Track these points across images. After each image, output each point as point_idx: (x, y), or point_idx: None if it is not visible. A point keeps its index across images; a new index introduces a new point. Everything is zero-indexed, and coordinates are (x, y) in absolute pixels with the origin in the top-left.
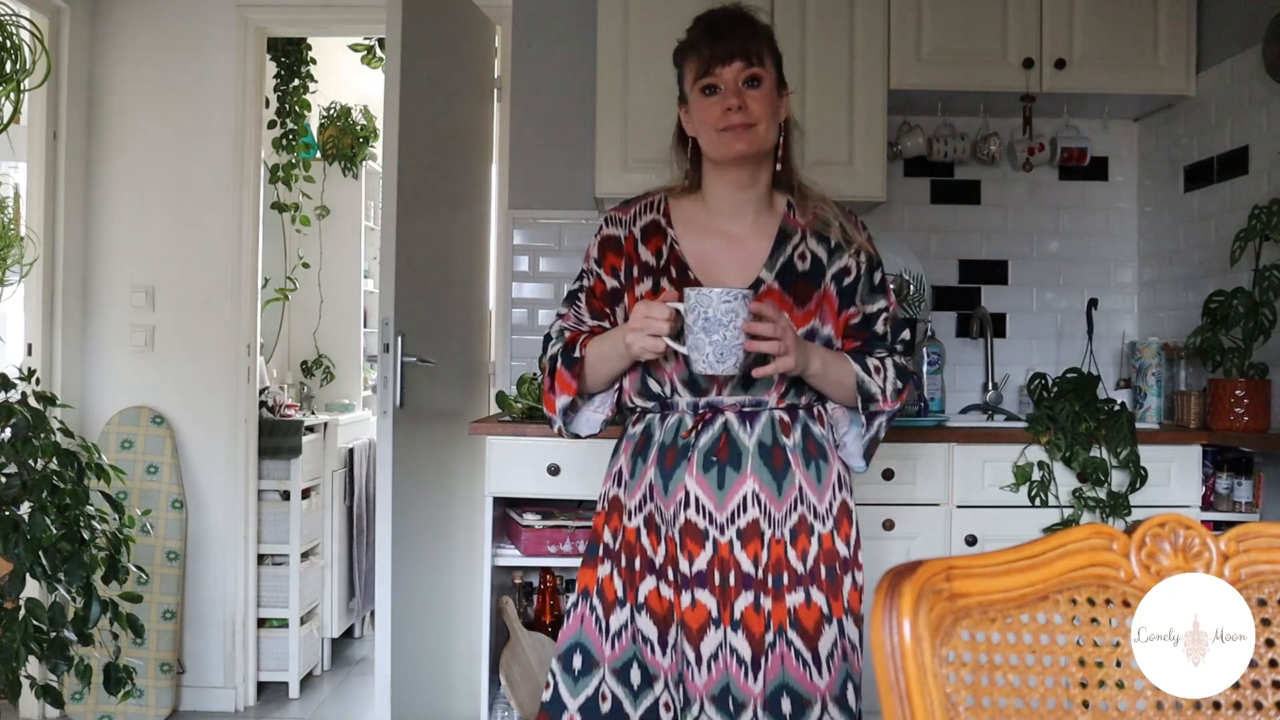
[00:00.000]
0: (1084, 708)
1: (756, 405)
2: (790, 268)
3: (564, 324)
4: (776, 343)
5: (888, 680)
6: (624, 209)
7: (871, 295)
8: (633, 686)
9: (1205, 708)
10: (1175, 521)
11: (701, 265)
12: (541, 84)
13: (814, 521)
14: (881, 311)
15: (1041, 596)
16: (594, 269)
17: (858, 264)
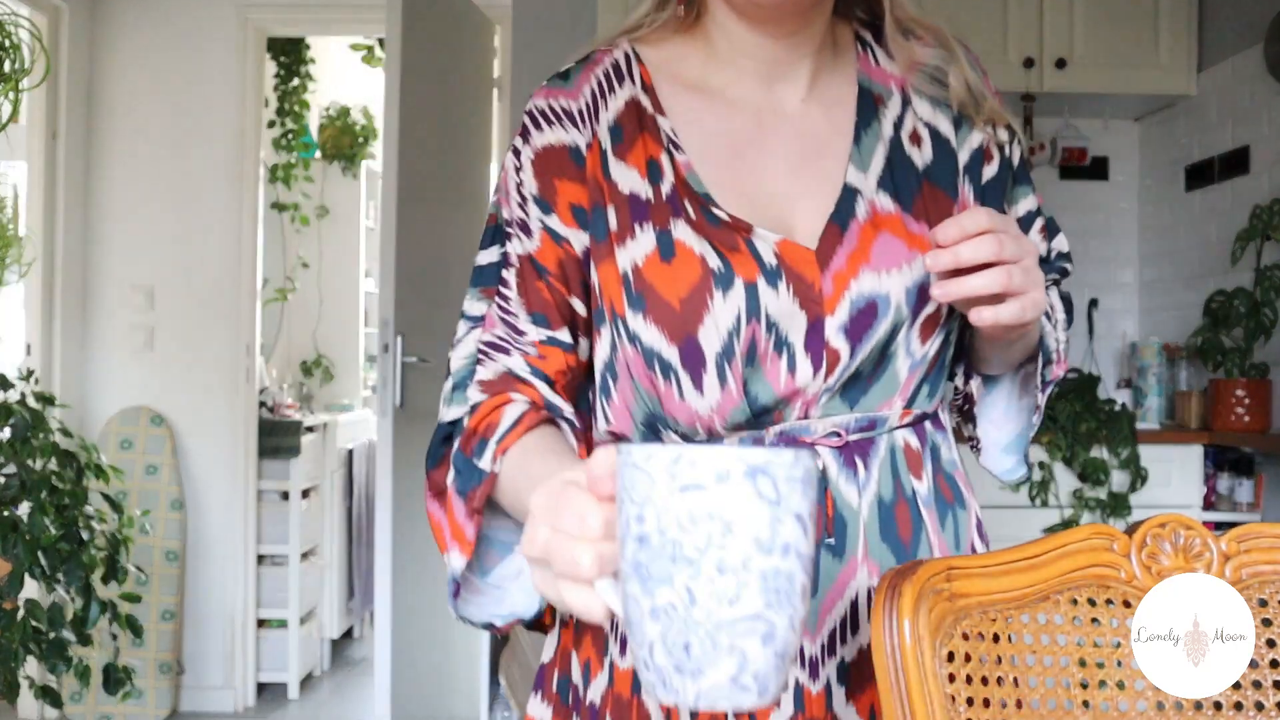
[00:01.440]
0: (1084, 708)
1: (870, 427)
2: (902, 162)
3: (483, 338)
4: (1001, 271)
5: (888, 680)
6: (563, 84)
7: (1019, 189)
8: None
9: (1205, 708)
10: (1176, 522)
11: (731, 183)
12: (541, 84)
13: None
14: (1034, 215)
15: (1042, 597)
16: (531, 210)
17: (997, 143)
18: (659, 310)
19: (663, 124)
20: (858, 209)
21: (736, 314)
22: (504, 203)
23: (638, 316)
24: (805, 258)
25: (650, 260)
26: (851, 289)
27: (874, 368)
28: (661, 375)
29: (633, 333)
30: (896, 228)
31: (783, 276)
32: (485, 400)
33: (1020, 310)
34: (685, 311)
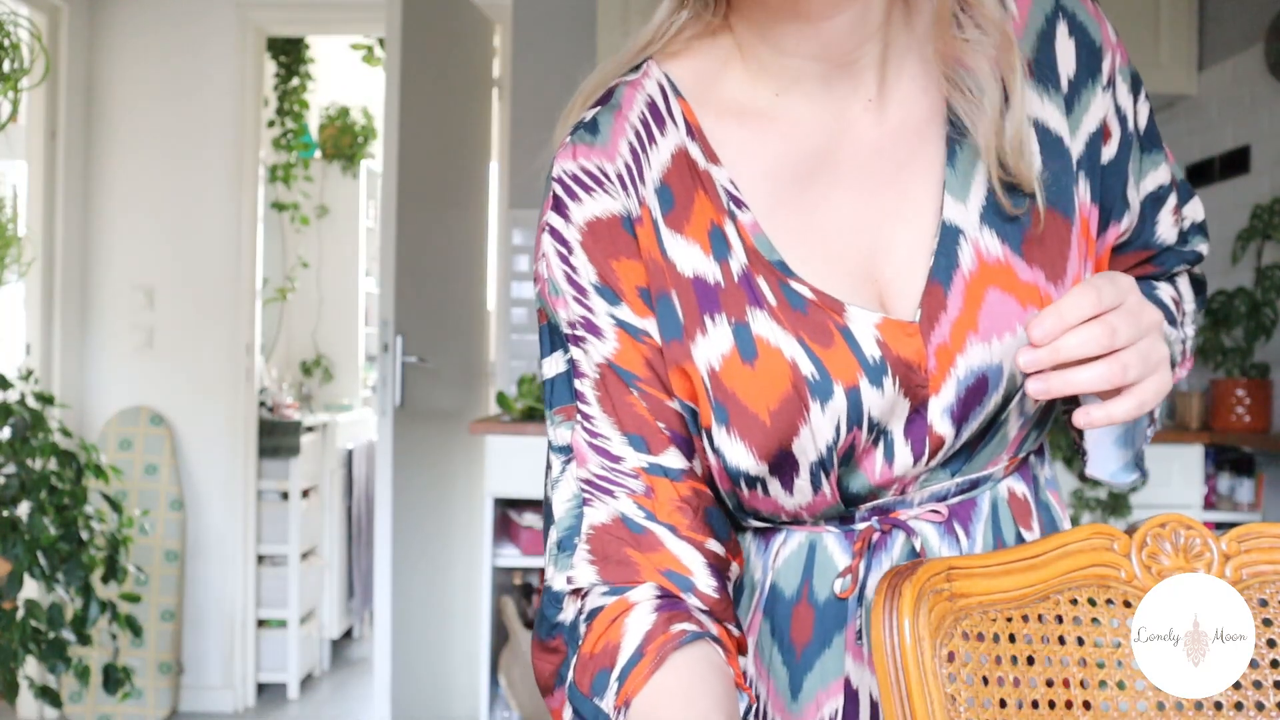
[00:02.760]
0: (1084, 708)
1: (971, 488)
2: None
3: (579, 474)
4: (1113, 363)
5: (888, 680)
6: (592, 139)
7: (1148, 158)
8: None
9: (1205, 708)
10: (1176, 521)
11: (804, 236)
12: (541, 84)
13: None
14: (1166, 191)
15: (1042, 597)
16: (595, 303)
17: (1119, 112)
18: (745, 423)
19: (718, 176)
20: (961, 257)
21: (837, 425)
22: (554, 300)
23: (721, 430)
24: (908, 335)
25: (729, 362)
26: (959, 366)
27: (982, 436)
28: (747, 486)
29: (716, 446)
30: (1008, 280)
31: (888, 371)
32: (601, 611)
33: (1138, 406)
34: (777, 426)
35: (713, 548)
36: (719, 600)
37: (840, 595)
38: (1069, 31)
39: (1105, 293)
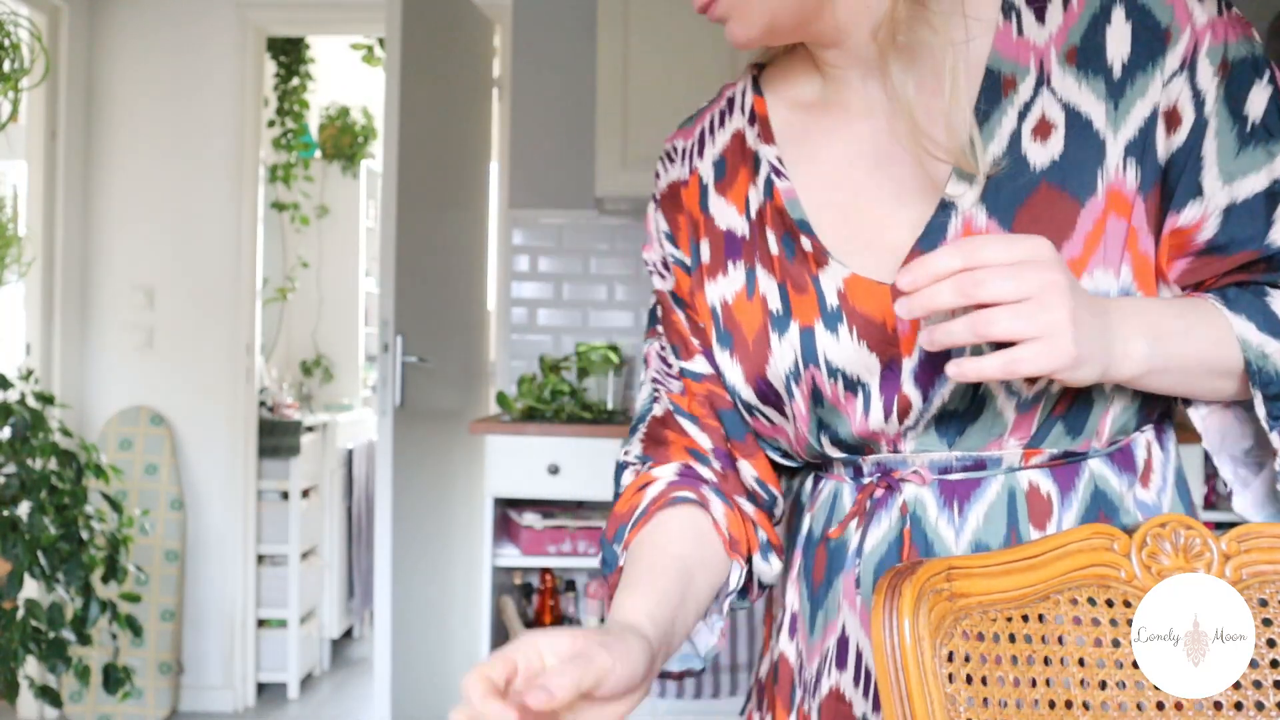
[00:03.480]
0: (1084, 708)
1: (976, 467)
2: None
3: (654, 378)
4: (1014, 312)
5: (888, 680)
6: (688, 124)
7: (1247, 154)
8: None
9: (1205, 708)
10: (1176, 521)
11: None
12: (541, 84)
13: None
14: (1274, 198)
15: (1042, 596)
16: (665, 247)
17: (1196, 94)
18: (741, 349)
19: (766, 154)
20: (949, 230)
21: (795, 358)
22: (647, 246)
23: (724, 353)
24: (876, 294)
25: (738, 298)
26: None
27: (968, 406)
28: (746, 411)
29: (719, 367)
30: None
31: (843, 319)
32: (632, 481)
33: (1004, 365)
34: (756, 351)
35: (726, 438)
36: (725, 479)
37: (829, 534)
38: (1126, 15)
39: (988, 249)
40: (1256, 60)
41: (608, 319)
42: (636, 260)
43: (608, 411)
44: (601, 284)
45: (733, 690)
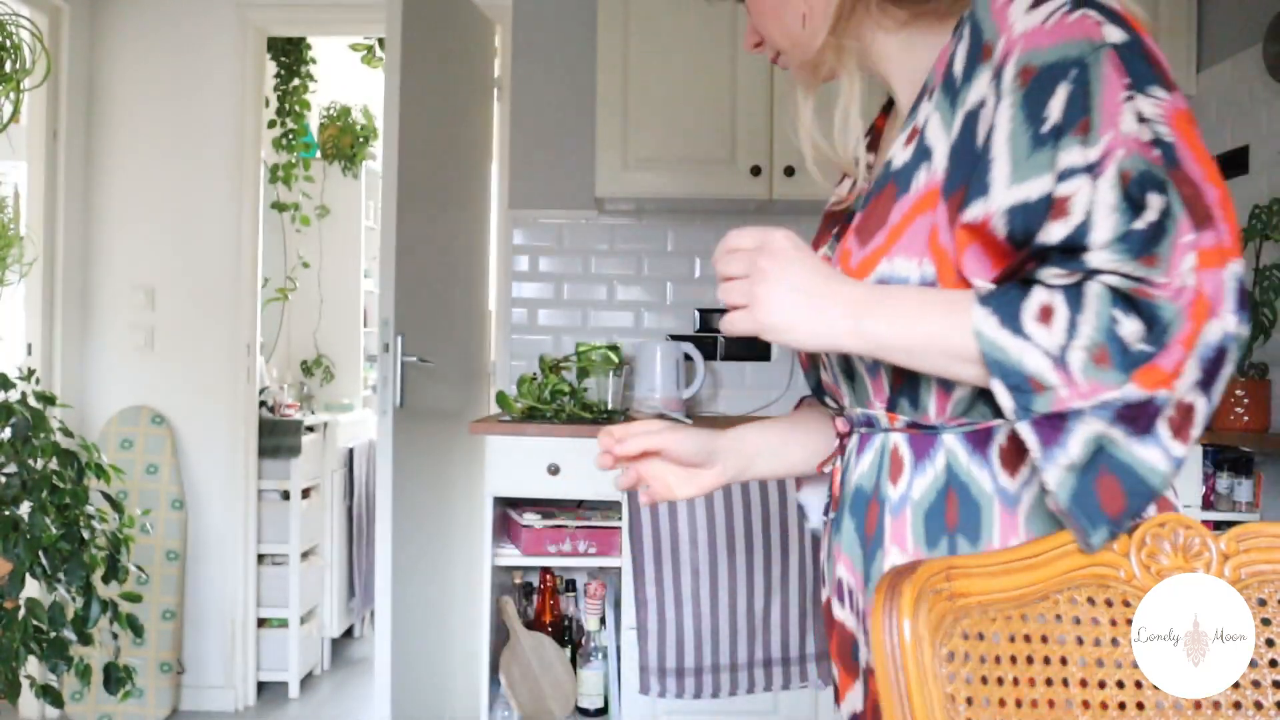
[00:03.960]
0: (1084, 708)
1: (868, 424)
2: (881, 171)
3: None
4: (736, 286)
5: (888, 680)
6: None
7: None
8: None
9: (1205, 708)
10: (1175, 521)
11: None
12: (541, 84)
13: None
14: (1073, 172)
15: (1041, 596)
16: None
17: (997, 91)
18: None
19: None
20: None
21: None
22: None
23: None
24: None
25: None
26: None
27: (846, 369)
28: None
29: None
30: (846, 240)
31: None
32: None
33: (729, 324)
34: None
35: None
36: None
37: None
38: (968, 31)
39: (741, 238)
40: (1072, 62)
41: (608, 319)
42: (637, 260)
43: (608, 411)
44: (601, 284)
45: (733, 690)
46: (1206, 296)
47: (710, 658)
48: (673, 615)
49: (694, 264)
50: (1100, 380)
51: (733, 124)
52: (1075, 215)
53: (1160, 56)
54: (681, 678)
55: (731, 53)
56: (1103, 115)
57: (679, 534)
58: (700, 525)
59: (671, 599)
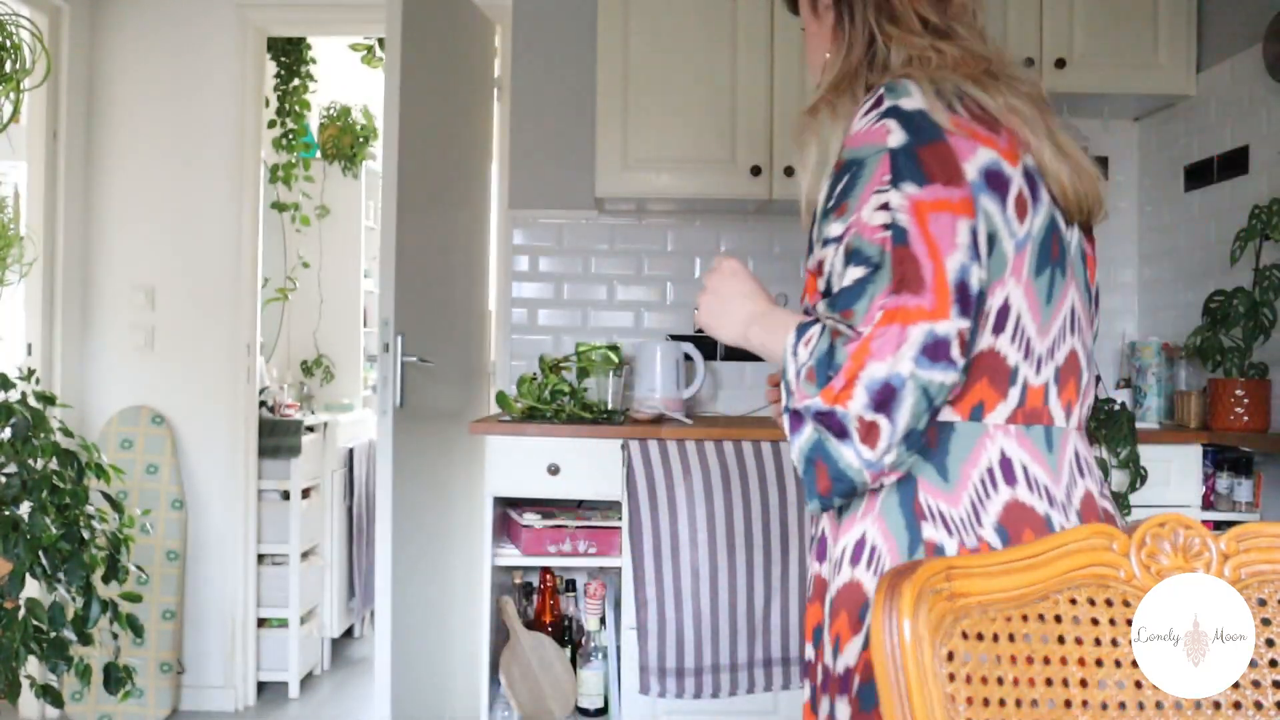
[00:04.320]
0: (1084, 708)
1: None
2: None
3: None
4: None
5: (888, 680)
6: None
7: (825, 218)
8: None
9: (1205, 707)
10: (1175, 521)
11: None
12: (541, 84)
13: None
14: (829, 242)
15: (1041, 596)
16: None
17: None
18: None
19: None
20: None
21: None
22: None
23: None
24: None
25: None
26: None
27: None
28: None
29: None
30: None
31: None
32: None
33: (695, 319)
34: None
35: None
36: None
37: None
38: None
39: (718, 270)
40: (858, 160)
41: (608, 319)
42: (636, 260)
43: (607, 411)
44: (601, 284)
45: (733, 690)
46: (870, 344)
47: (710, 658)
48: (673, 615)
49: (694, 264)
50: (806, 391)
51: (733, 124)
52: (826, 274)
53: (935, 155)
54: (681, 678)
55: (731, 53)
56: (857, 202)
57: (679, 534)
58: (700, 525)
59: (671, 599)
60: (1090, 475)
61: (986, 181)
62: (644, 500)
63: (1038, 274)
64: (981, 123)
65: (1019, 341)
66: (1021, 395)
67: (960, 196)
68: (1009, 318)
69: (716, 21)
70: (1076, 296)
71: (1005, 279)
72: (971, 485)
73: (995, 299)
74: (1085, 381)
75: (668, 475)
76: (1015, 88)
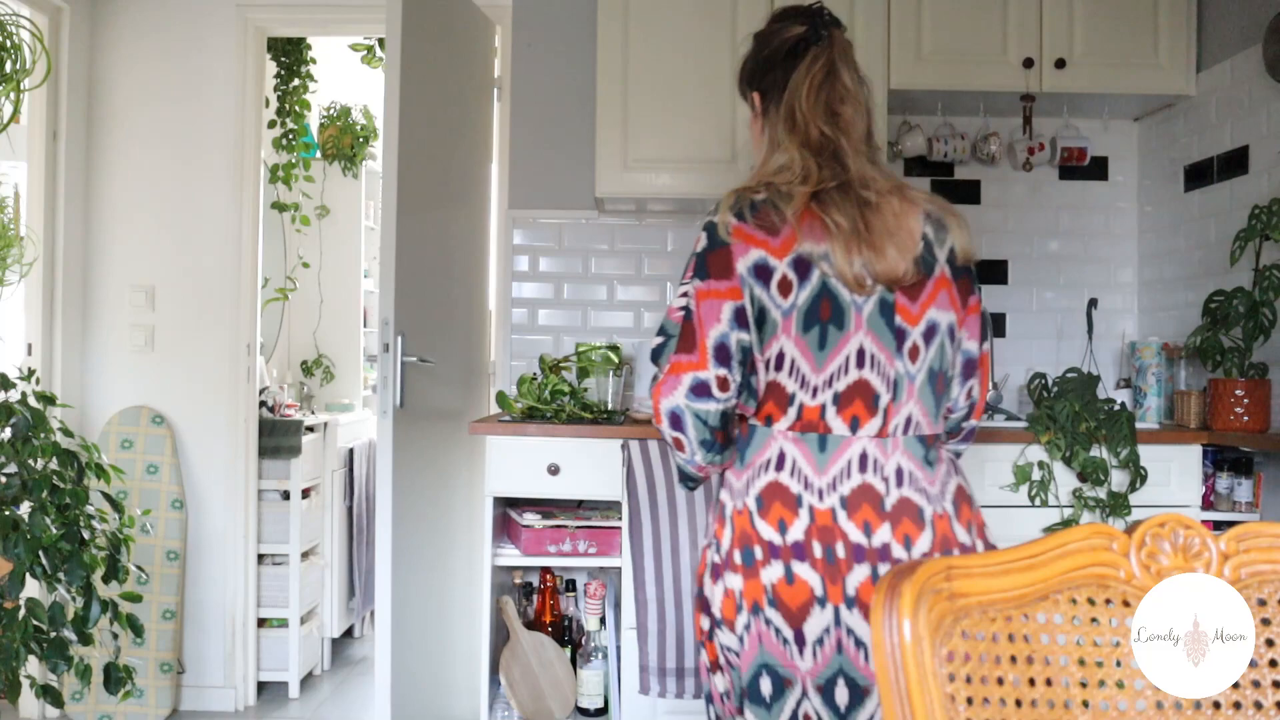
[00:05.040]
0: (1084, 708)
1: None
2: None
3: None
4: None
5: (888, 680)
6: None
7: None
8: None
9: (1205, 707)
10: (1175, 521)
11: None
12: (541, 84)
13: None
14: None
15: (1041, 596)
16: None
17: None
18: None
19: None
20: None
21: None
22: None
23: None
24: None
25: None
26: None
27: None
28: None
29: None
30: None
31: None
32: None
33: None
34: None
35: None
36: None
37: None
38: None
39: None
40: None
41: (608, 319)
42: (636, 260)
43: (607, 411)
44: (601, 284)
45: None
46: (661, 387)
47: None
48: (673, 615)
49: None
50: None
51: (733, 124)
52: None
53: (716, 258)
54: (682, 678)
55: (731, 53)
56: (677, 291)
57: (679, 534)
58: (700, 526)
59: (671, 599)
60: (880, 472)
61: (755, 273)
62: (644, 500)
63: (805, 331)
64: (762, 228)
65: (795, 376)
66: (799, 412)
67: (728, 287)
68: (785, 361)
69: (716, 22)
70: (869, 340)
71: (779, 336)
72: (753, 468)
73: (772, 350)
74: (884, 402)
75: (668, 475)
76: (851, 193)
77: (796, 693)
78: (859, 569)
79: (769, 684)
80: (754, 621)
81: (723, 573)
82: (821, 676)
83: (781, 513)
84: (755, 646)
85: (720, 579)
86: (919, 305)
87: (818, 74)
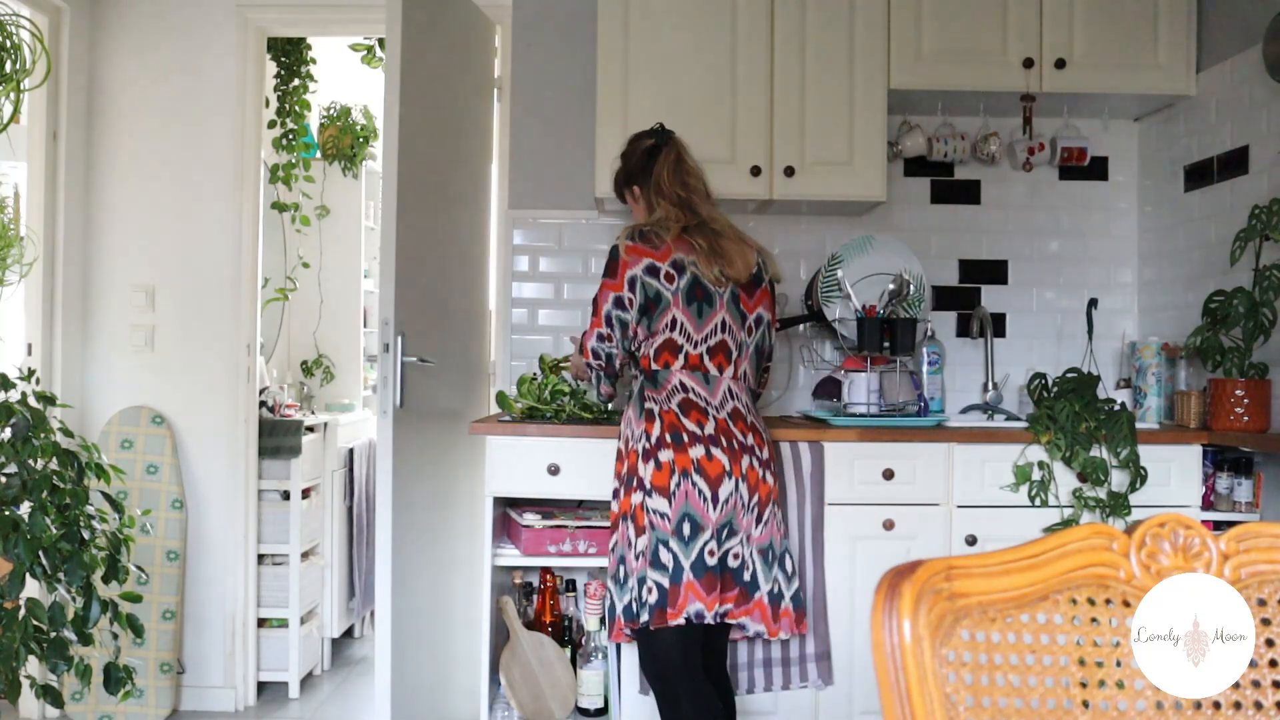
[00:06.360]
0: (1084, 708)
1: None
2: None
3: None
4: None
5: (888, 680)
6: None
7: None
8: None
9: (1205, 707)
10: (1175, 521)
11: None
12: (541, 84)
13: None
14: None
15: (1041, 596)
16: None
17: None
18: None
19: None
20: None
21: None
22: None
23: None
24: None
25: None
26: None
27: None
28: None
29: None
30: None
31: None
32: None
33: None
34: None
35: None
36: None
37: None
38: None
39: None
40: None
41: None
42: None
43: (607, 412)
44: None
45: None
46: (581, 346)
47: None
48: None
49: None
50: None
51: (733, 124)
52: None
53: (614, 265)
54: None
55: (731, 53)
56: (600, 285)
57: None
58: None
59: None
60: (739, 400)
61: (647, 271)
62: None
63: (688, 304)
64: (648, 244)
65: (682, 334)
66: (685, 358)
67: (616, 283)
68: (676, 324)
69: (716, 22)
70: (727, 316)
71: (671, 309)
72: (667, 390)
73: (666, 318)
74: (734, 357)
75: None
76: (705, 228)
77: (706, 535)
78: (745, 458)
79: (688, 527)
80: (683, 482)
81: (655, 454)
82: (720, 525)
83: (698, 416)
84: (682, 501)
85: (652, 459)
86: (754, 301)
87: (671, 162)
